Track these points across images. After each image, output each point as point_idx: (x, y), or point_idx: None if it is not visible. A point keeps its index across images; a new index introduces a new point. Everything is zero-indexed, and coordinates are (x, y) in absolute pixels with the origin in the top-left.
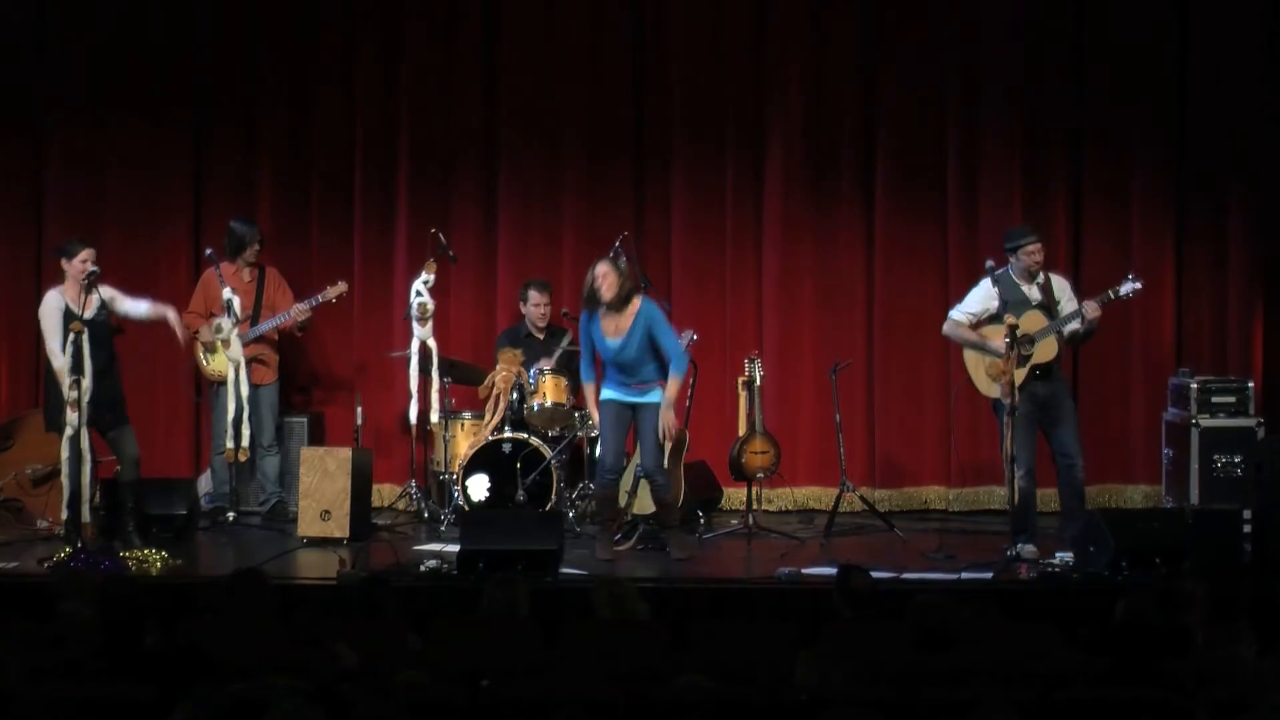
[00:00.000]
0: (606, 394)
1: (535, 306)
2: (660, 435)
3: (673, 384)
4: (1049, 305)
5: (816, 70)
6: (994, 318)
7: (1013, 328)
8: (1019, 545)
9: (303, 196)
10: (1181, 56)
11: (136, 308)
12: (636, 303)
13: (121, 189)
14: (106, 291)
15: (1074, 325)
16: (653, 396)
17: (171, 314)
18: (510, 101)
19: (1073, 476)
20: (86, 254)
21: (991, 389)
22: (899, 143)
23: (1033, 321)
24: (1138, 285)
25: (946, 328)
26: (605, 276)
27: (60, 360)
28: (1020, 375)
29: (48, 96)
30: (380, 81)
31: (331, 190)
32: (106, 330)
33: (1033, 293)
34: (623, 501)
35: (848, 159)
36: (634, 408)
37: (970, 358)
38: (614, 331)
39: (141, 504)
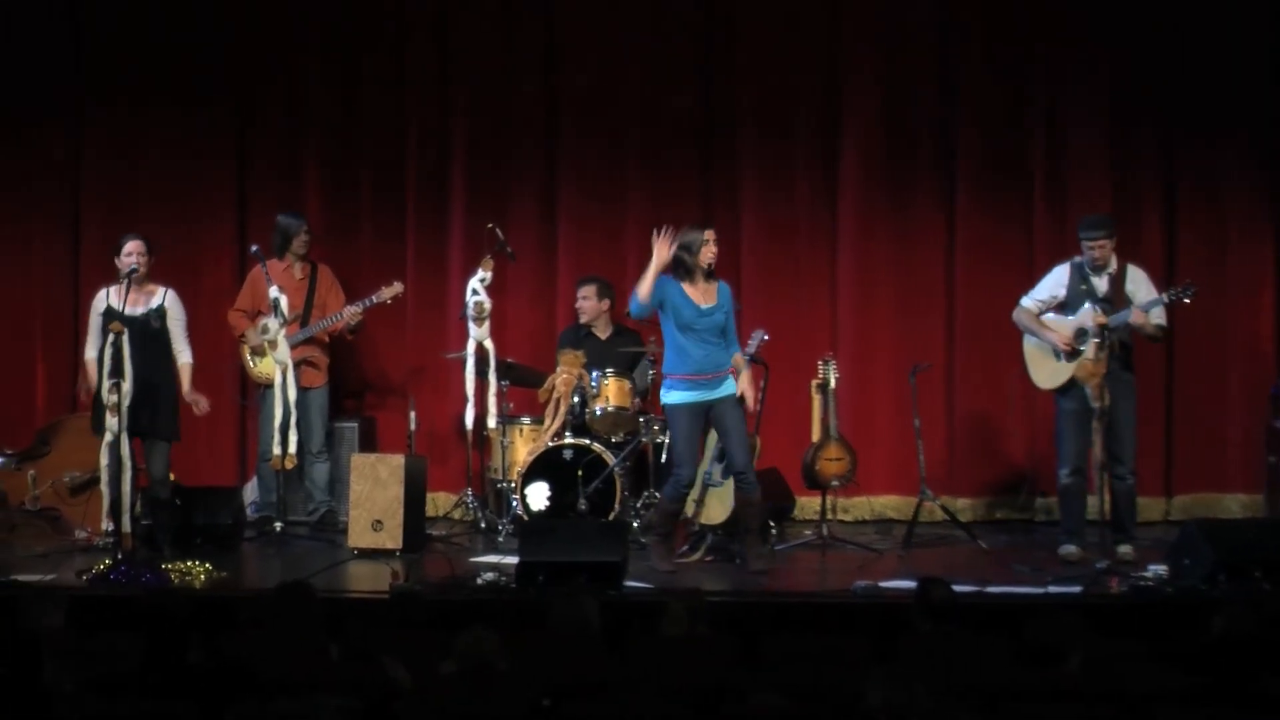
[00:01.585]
0: (680, 398)
1: (577, 300)
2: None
3: (740, 358)
4: (1113, 299)
5: (893, 56)
6: (1060, 307)
7: (1103, 326)
8: (1061, 547)
9: (353, 191)
10: None
11: (182, 354)
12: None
13: (162, 183)
14: (175, 308)
15: (1132, 320)
16: (729, 387)
17: (197, 396)
18: (570, 91)
19: (1123, 485)
20: (130, 246)
21: (1050, 380)
22: (981, 134)
23: (1089, 316)
24: (1193, 289)
25: (1015, 313)
26: (714, 245)
27: (88, 352)
28: (1071, 370)
29: (84, 85)
30: (433, 71)
31: (383, 184)
32: (154, 332)
33: (1102, 285)
34: (690, 510)
35: (926, 151)
36: (711, 405)
37: (1030, 348)
38: (703, 298)
39: (174, 518)
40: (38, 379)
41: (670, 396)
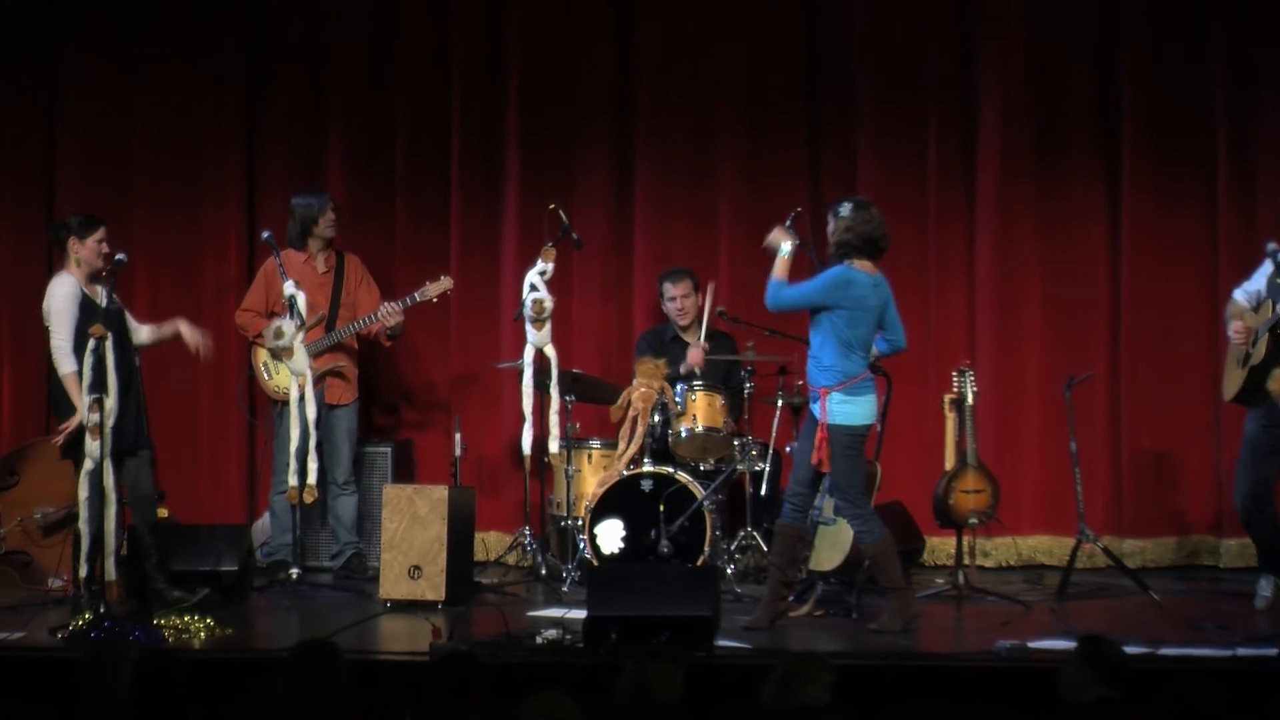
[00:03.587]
0: None
1: (671, 301)
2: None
3: (782, 262)
4: None
5: (1043, 4)
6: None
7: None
8: (1259, 583)
9: (385, 166)
10: None
11: (138, 333)
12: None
13: (155, 159)
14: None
15: None
16: (818, 409)
17: (184, 325)
18: (649, 47)
19: None
20: (101, 233)
21: (1227, 390)
22: (1151, 101)
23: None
24: None
25: (1227, 307)
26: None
27: (70, 363)
28: (1241, 379)
29: (63, 40)
30: (481, 20)
31: (421, 158)
32: (125, 330)
33: None
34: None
35: (1083, 122)
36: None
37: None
38: None
39: (166, 553)
40: (3, 395)
41: None
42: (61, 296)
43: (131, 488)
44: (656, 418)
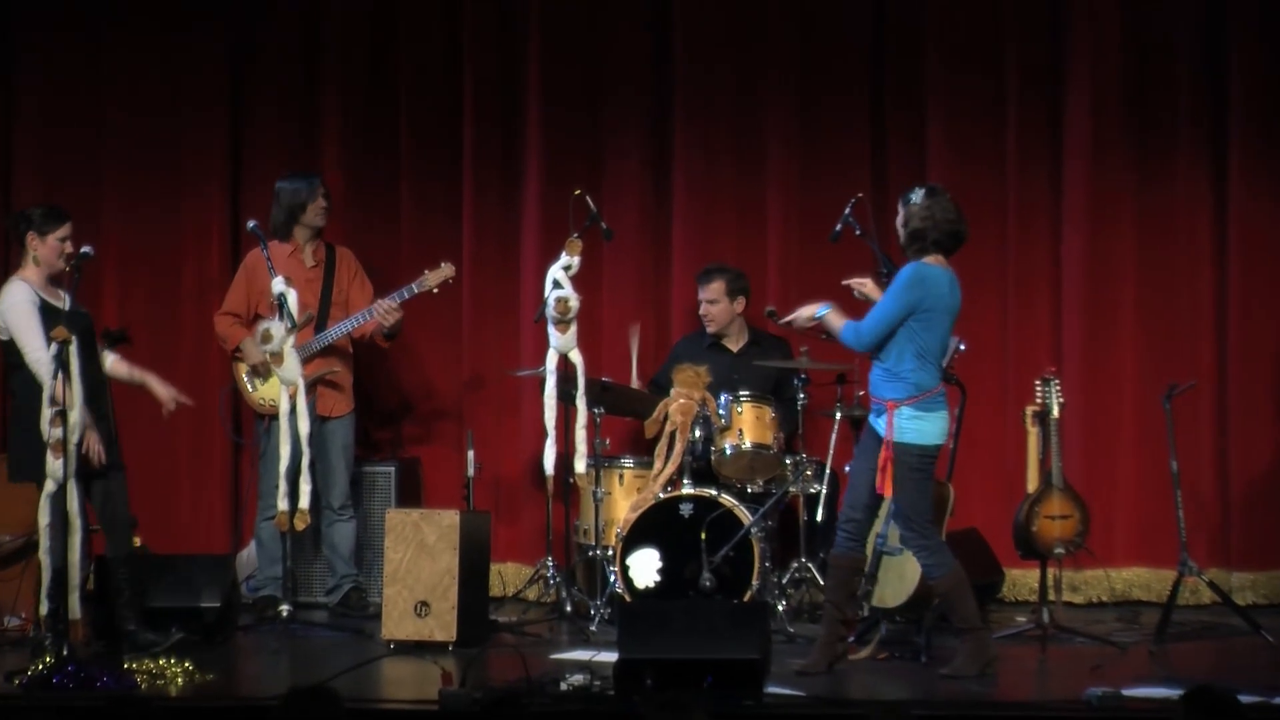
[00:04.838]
0: None
1: (700, 304)
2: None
3: (833, 316)
4: None
5: None
6: None
7: None
8: None
9: (388, 148)
10: None
11: (105, 358)
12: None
13: (127, 144)
14: None
15: None
16: (881, 425)
17: (155, 382)
18: (690, 15)
19: None
20: (65, 230)
21: None
22: (1262, 84)
23: None
24: None
25: None
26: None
27: (49, 367)
28: None
29: (20, 12)
30: None
31: (429, 139)
32: (93, 334)
33: None
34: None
35: (1186, 105)
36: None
37: None
38: None
39: (140, 590)
40: None
41: None
42: (17, 306)
43: (102, 513)
44: (697, 433)
